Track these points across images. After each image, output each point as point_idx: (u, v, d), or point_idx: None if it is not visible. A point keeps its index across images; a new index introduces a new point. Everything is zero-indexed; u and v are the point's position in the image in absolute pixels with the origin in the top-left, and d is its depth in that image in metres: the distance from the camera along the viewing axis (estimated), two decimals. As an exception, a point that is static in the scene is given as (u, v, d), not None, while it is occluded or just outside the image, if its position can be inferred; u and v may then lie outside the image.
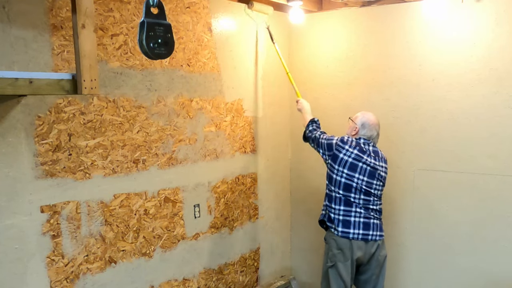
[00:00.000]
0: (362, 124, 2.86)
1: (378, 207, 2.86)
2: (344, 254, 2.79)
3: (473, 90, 3.03)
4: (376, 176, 2.81)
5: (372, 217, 2.82)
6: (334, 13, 3.55)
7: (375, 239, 2.81)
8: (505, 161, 2.97)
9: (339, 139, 2.84)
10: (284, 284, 3.71)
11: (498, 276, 3.07)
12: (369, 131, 2.85)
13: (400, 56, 3.27)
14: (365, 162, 2.78)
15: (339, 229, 2.79)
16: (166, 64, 2.72)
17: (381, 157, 2.86)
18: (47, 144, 2.18)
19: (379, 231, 2.83)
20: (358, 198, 2.78)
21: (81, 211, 2.35)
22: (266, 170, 3.64)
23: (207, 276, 3.15)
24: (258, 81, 3.47)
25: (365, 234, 2.78)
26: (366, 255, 2.82)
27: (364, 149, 2.80)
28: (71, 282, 2.33)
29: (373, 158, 2.81)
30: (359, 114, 2.92)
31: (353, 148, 2.78)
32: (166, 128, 2.75)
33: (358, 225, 2.77)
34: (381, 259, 2.86)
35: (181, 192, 2.89)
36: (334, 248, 2.81)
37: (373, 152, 2.83)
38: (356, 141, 2.83)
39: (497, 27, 2.90)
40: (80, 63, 1.74)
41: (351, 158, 2.77)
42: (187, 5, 2.81)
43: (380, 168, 2.82)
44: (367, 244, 2.80)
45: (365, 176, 2.78)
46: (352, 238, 2.77)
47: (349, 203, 2.78)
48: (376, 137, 2.89)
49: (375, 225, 2.82)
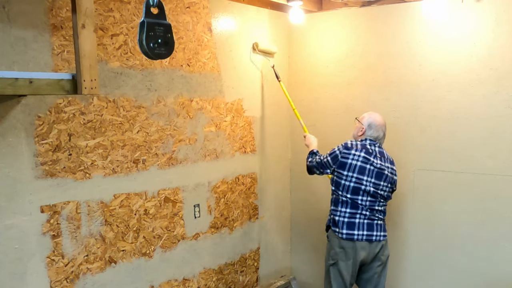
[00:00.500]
0: (369, 125, 2.86)
1: (382, 208, 2.86)
2: (346, 253, 2.79)
3: (473, 90, 3.03)
4: (383, 177, 2.80)
5: (377, 218, 2.82)
6: (334, 13, 3.55)
7: (379, 239, 2.81)
8: (505, 161, 2.97)
9: (342, 146, 2.84)
10: (284, 284, 3.71)
11: (498, 276, 3.06)
12: (375, 131, 2.85)
13: (400, 56, 3.27)
14: (372, 164, 2.78)
15: (343, 231, 2.78)
16: (166, 64, 2.72)
17: (386, 158, 2.86)
18: (47, 144, 2.18)
19: (382, 231, 2.84)
20: (365, 200, 2.79)
21: (81, 211, 2.35)
22: (266, 170, 3.64)
23: (207, 276, 3.15)
24: (258, 81, 3.47)
25: (369, 235, 2.78)
26: (370, 255, 2.82)
27: (370, 151, 2.80)
28: (71, 282, 2.33)
29: (379, 159, 2.80)
30: (366, 114, 2.91)
31: (359, 152, 2.78)
32: (166, 128, 2.75)
33: (362, 226, 2.78)
34: (384, 259, 2.87)
35: (181, 192, 2.89)
36: (336, 246, 2.81)
37: (379, 153, 2.83)
38: (362, 143, 2.83)
39: (497, 27, 2.90)
40: (80, 63, 1.74)
41: (360, 162, 2.77)
42: (187, 5, 2.81)
43: (386, 169, 2.82)
44: (371, 245, 2.80)
45: (372, 178, 2.78)
46: (357, 240, 2.77)
47: (356, 205, 2.79)
48: (383, 138, 2.89)
49: (378, 225, 2.83)
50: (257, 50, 3.34)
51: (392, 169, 2.87)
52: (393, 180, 2.88)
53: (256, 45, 3.32)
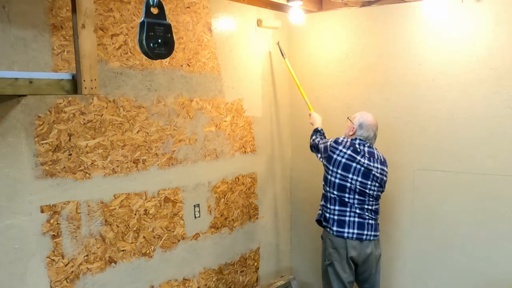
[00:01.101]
0: (360, 125, 2.87)
1: (373, 207, 2.87)
2: (339, 254, 2.82)
3: (473, 90, 3.03)
4: (370, 177, 2.81)
5: (367, 217, 2.83)
6: (334, 13, 3.55)
7: (369, 239, 2.84)
8: (505, 161, 2.97)
9: (333, 140, 2.87)
10: (284, 284, 3.71)
11: (498, 276, 3.07)
12: (366, 131, 2.86)
13: (400, 56, 3.27)
14: (359, 163, 2.79)
15: (334, 228, 2.82)
16: (166, 64, 2.72)
17: (377, 158, 2.86)
18: (47, 144, 2.18)
19: (373, 231, 2.86)
20: (352, 198, 2.81)
21: (81, 211, 2.35)
22: (266, 170, 3.64)
23: (207, 276, 3.15)
24: (259, 81, 3.47)
25: (359, 234, 2.81)
26: (361, 255, 2.83)
27: (359, 150, 2.81)
28: (71, 282, 2.33)
29: (367, 159, 2.81)
30: (358, 114, 2.93)
31: (346, 149, 2.80)
32: (166, 128, 2.75)
33: (352, 225, 2.80)
34: (376, 257, 2.91)
35: (181, 192, 2.89)
36: (330, 247, 2.85)
37: (368, 153, 2.83)
38: (351, 141, 2.84)
39: (497, 27, 2.90)
40: (80, 63, 1.74)
41: (344, 159, 2.79)
42: (187, 5, 2.81)
43: (374, 169, 2.82)
44: (361, 244, 2.82)
45: (358, 177, 2.79)
46: (347, 238, 2.80)
47: (344, 203, 2.81)
48: (373, 138, 2.90)
49: (369, 225, 2.84)
50: (261, 26, 3.40)
51: (382, 170, 2.87)
52: (382, 180, 2.88)
53: (260, 21, 3.39)
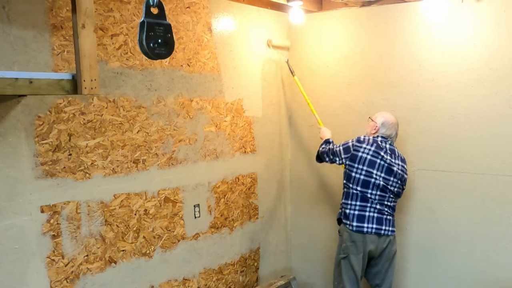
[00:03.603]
0: (382, 123, 2.96)
1: (392, 204, 2.96)
2: (357, 247, 2.90)
3: (473, 90, 3.03)
4: (393, 173, 2.89)
5: (386, 213, 2.93)
6: (334, 13, 3.55)
7: (387, 233, 2.92)
8: (505, 161, 2.96)
9: (355, 140, 2.96)
10: (284, 284, 3.70)
11: (498, 276, 3.06)
12: (388, 130, 2.96)
13: (400, 56, 3.27)
14: (382, 159, 2.87)
15: (354, 224, 2.89)
16: (166, 64, 2.72)
17: (397, 155, 2.96)
18: (47, 144, 2.18)
19: (391, 226, 2.95)
20: (375, 194, 2.89)
21: (81, 211, 2.35)
22: (266, 170, 3.64)
23: (207, 276, 3.15)
24: (259, 81, 3.47)
25: (378, 229, 2.89)
26: (378, 249, 2.93)
27: (381, 146, 2.90)
28: (71, 282, 2.33)
29: (389, 156, 2.90)
30: (379, 114, 3.04)
31: (370, 146, 2.89)
32: (166, 128, 2.75)
33: (372, 220, 2.88)
34: (391, 254, 2.99)
35: (181, 192, 2.89)
36: (348, 240, 2.92)
37: (390, 150, 2.93)
38: (374, 138, 2.93)
39: (497, 27, 2.90)
40: (80, 63, 1.74)
41: (370, 155, 2.87)
42: (187, 5, 2.81)
43: (396, 166, 2.90)
44: (379, 239, 2.91)
45: (382, 172, 2.87)
46: (366, 232, 2.88)
47: (366, 198, 2.89)
48: (395, 136, 3.00)
49: (388, 220, 2.93)
50: (271, 46, 3.47)
51: (403, 167, 2.97)
52: (403, 177, 2.96)
53: (270, 42, 3.46)
